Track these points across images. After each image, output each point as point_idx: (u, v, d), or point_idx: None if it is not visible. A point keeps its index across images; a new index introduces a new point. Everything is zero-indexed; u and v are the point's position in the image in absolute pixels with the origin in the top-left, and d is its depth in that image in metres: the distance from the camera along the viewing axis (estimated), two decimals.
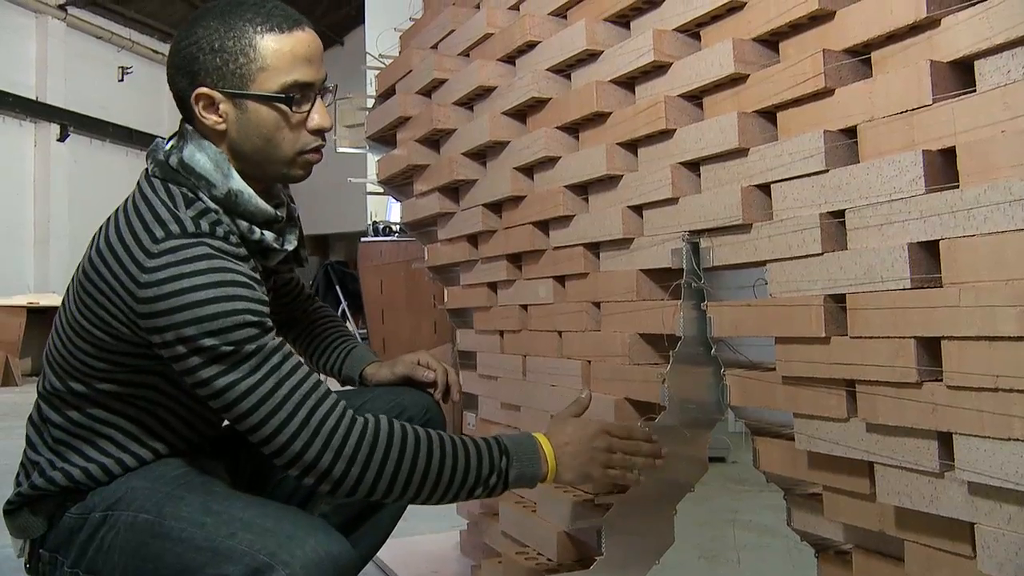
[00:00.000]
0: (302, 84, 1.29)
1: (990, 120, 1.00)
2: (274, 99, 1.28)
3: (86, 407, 1.34)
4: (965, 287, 1.00)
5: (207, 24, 1.27)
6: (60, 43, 11.55)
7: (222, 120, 1.30)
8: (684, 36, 1.53)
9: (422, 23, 2.50)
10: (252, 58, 1.26)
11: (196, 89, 1.28)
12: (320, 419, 1.21)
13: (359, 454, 1.22)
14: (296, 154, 1.34)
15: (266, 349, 1.20)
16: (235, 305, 1.19)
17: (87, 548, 1.32)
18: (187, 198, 1.29)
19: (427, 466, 1.26)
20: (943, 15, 1.08)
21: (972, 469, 0.99)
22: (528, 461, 1.35)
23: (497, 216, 2.06)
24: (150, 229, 1.24)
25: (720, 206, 1.38)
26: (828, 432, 1.22)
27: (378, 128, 2.51)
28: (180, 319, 1.17)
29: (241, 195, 1.31)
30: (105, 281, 1.24)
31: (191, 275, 1.19)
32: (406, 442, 1.26)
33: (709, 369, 1.47)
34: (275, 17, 1.28)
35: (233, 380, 1.19)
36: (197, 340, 1.17)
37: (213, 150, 1.31)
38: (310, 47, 1.30)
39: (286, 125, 1.31)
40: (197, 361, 1.19)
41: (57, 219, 11.23)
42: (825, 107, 1.24)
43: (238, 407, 1.19)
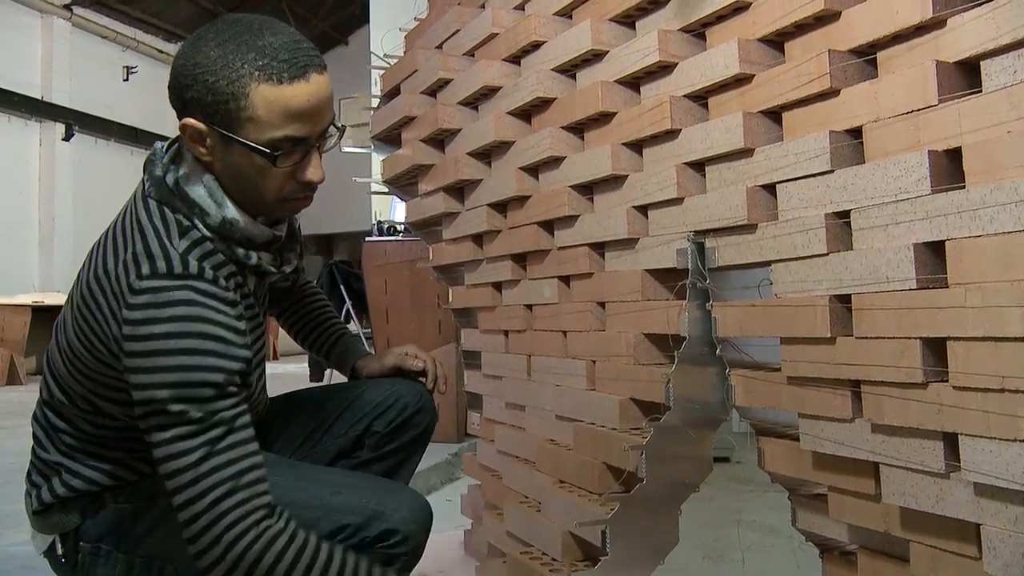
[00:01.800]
0: (292, 139, 1.23)
1: (996, 120, 1.00)
2: (256, 150, 1.22)
3: (90, 416, 1.33)
4: (971, 287, 0.99)
5: (207, 52, 1.20)
6: (65, 42, 11.56)
7: (207, 153, 1.26)
8: (689, 36, 1.53)
9: (427, 23, 2.50)
10: (243, 106, 1.19)
11: (184, 117, 1.24)
12: (222, 511, 1.16)
13: (241, 564, 1.16)
14: (278, 201, 1.30)
15: (212, 419, 1.16)
16: (199, 360, 1.16)
17: (148, 534, 1.34)
18: (181, 226, 1.26)
19: None
20: (949, 15, 1.08)
21: (978, 470, 0.99)
22: None
23: (502, 216, 2.06)
24: (139, 263, 1.21)
25: (725, 206, 1.38)
26: (833, 432, 1.22)
27: (383, 128, 2.52)
28: (144, 364, 1.16)
29: (236, 224, 1.28)
30: (99, 308, 1.23)
31: (164, 321, 1.17)
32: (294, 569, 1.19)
33: (714, 369, 1.47)
34: (278, 64, 1.19)
35: (167, 438, 1.16)
36: (151, 391, 1.16)
37: (208, 177, 1.27)
38: (309, 101, 1.22)
39: (269, 175, 1.26)
40: (147, 411, 1.17)
41: (61, 218, 11.26)
42: (831, 107, 1.24)
43: (164, 465, 1.17)
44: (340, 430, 1.63)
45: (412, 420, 1.65)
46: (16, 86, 10.81)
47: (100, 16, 12.26)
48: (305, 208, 1.36)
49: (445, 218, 2.31)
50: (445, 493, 3.31)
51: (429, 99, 2.31)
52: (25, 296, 8.96)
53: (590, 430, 1.73)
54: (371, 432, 1.62)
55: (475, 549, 2.35)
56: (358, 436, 1.63)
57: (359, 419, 1.64)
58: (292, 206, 1.33)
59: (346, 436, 1.63)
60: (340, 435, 1.63)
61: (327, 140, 1.31)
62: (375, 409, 1.63)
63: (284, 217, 1.41)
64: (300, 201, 1.33)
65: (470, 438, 3.97)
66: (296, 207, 1.34)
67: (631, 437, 1.59)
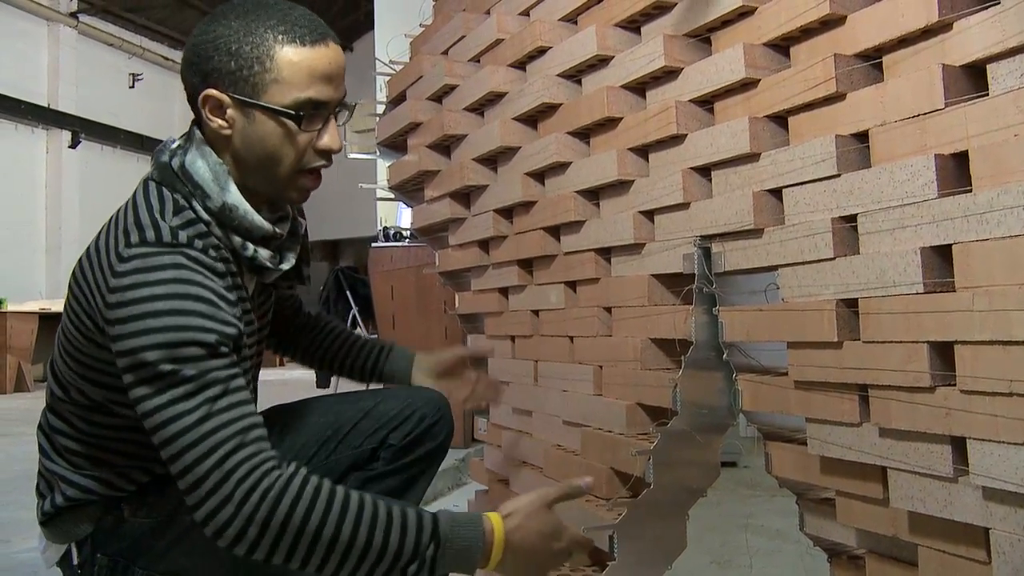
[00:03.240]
0: (315, 102, 1.23)
1: (1003, 124, 1.00)
2: (283, 114, 1.22)
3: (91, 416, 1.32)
4: (978, 291, 0.99)
5: (228, 23, 1.21)
6: (72, 50, 11.60)
7: (228, 126, 1.25)
8: (695, 41, 1.54)
9: (432, 29, 2.51)
10: (267, 68, 1.20)
11: (205, 90, 1.22)
12: (232, 467, 1.10)
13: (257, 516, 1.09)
14: (296, 172, 1.29)
15: (207, 377, 1.12)
16: (188, 320, 1.12)
17: (170, 550, 1.32)
18: (177, 205, 1.24)
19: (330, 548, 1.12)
20: (955, 19, 1.08)
21: (986, 474, 0.99)
22: (463, 556, 1.18)
23: (508, 221, 2.06)
24: (128, 233, 1.19)
25: (732, 211, 1.38)
26: (841, 437, 1.21)
27: (389, 134, 2.52)
28: (131, 329, 1.12)
29: (236, 210, 1.26)
30: (88, 284, 1.21)
31: (151, 284, 1.14)
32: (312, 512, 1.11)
33: (721, 374, 1.47)
34: (299, 28, 1.22)
35: (163, 402, 1.11)
36: (141, 353, 1.11)
37: (214, 159, 1.26)
38: (331, 64, 1.24)
39: (291, 142, 1.25)
40: (137, 377, 1.12)
41: (68, 225, 11.28)
42: (837, 112, 1.24)
43: (161, 431, 1.11)
44: (355, 441, 1.59)
45: (430, 433, 1.62)
46: (23, 94, 10.85)
47: (106, 24, 12.31)
48: (315, 188, 1.34)
49: (451, 224, 2.31)
50: (452, 499, 3.30)
51: (435, 105, 2.32)
52: (32, 303, 9.00)
53: (597, 435, 1.73)
54: (387, 445, 1.59)
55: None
56: (373, 449, 1.59)
57: (375, 431, 1.60)
58: (305, 184, 1.31)
59: (361, 448, 1.59)
60: (355, 447, 1.59)
61: (342, 113, 1.32)
62: (392, 421, 1.60)
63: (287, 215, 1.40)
64: (314, 177, 1.31)
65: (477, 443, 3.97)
66: (308, 185, 1.32)
67: (638, 442, 1.59)
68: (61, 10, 11.47)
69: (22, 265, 10.78)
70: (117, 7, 12.21)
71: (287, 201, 1.35)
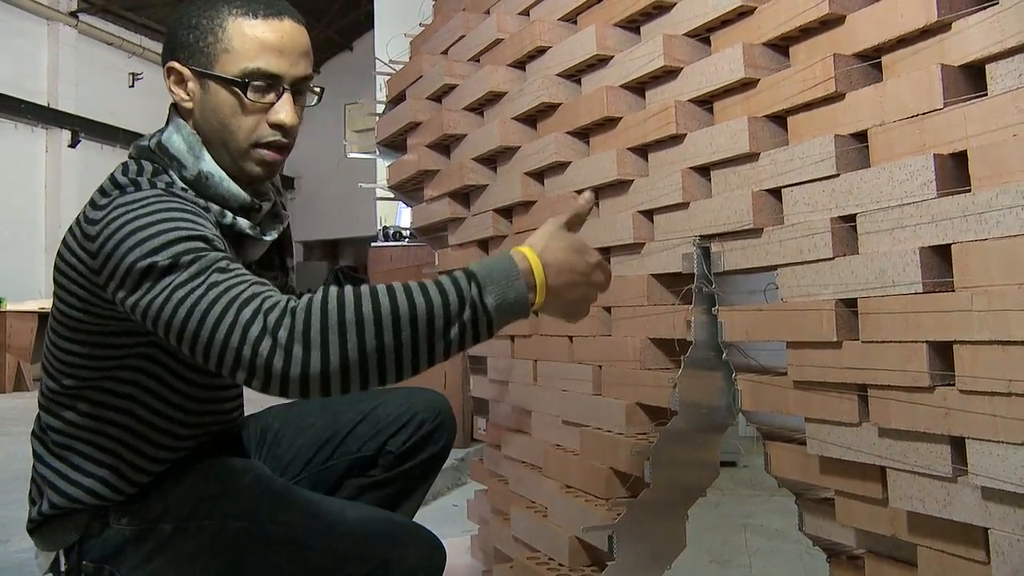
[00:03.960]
0: (265, 73, 1.26)
1: (1002, 124, 1.00)
2: (231, 82, 1.26)
3: (80, 406, 1.32)
4: (977, 291, 0.99)
5: (196, 2, 1.29)
6: (71, 49, 11.61)
7: (188, 98, 1.30)
8: (694, 41, 1.54)
9: (432, 28, 2.51)
10: (219, 37, 1.25)
11: (168, 62, 1.30)
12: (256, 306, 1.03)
13: (295, 331, 1.01)
14: (250, 145, 1.29)
15: (208, 257, 1.09)
16: (177, 224, 1.12)
17: (152, 559, 1.32)
18: (155, 171, 1.27)
19: (378, 325, 1.02)
20: (954, 19, 1.08)
21: (985, 474, 0.99)
22: (505, 283, 1.09)
23: (508, 221, 2.06)
24: (104, 191, 1.23)
25: (731, 211, 1.38)
26: (840, 436, 1.21)
27: (388, 133, 2.52)
28: (123, 249, 1.11)
29: (212, 177, 1.28)
30: (70, 250, 1.23)
31: (135, 207, 1.15)
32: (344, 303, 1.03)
33: (720, 374, 1.47)
34: (255, 3, 1.26)
35: (170, 291, 1.07)
36: (138, 263, 1.09)
37: (188, 131, 1.30)
38: (283, 38, 1.27)
39: (241, 112, 1.27)
40: (142, 288, 1.09)
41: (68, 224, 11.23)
42: (836, 111, 1.24)
43: (176, 318, 1.06)
44: (353, 446, 1.59)
45: (430, 439, 1.61)
46: (22, 93, 10.85)
47: (106, 23, 12.31)
48: (278, 161, 1.32)
49: (451, 223, 2.31)
50: (452, 498, 3.31)
51: (434, 105, 2.32)
52: (32, 303, 8.99)
53: (596, 435, 1.73)
54: (385, 452, 1.58)
55: (482, 554, 2.35)
56: (372, 455, 1.59)
57: (373, 436, 1.59)
58: (262, 154, 1.31)
59: (359, 454, 1.59)
60: (353, 452, 1.59)
61: (305, 95, 1.34)
62: (390, 426, 1.59)
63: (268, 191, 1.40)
64: (272, 151, 1.31)
65: (476, 443, 3.97)
66: (266, 157, 1.31)
67: (638, 442, 1.59)
68: (61, 9, 11.48)
69: (22, 264, 10.78)
70: (117, 6, 12.21)
71: (251, 176, 1.33)
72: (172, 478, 1.37)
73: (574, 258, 1.15)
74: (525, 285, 1.10)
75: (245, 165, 1.32)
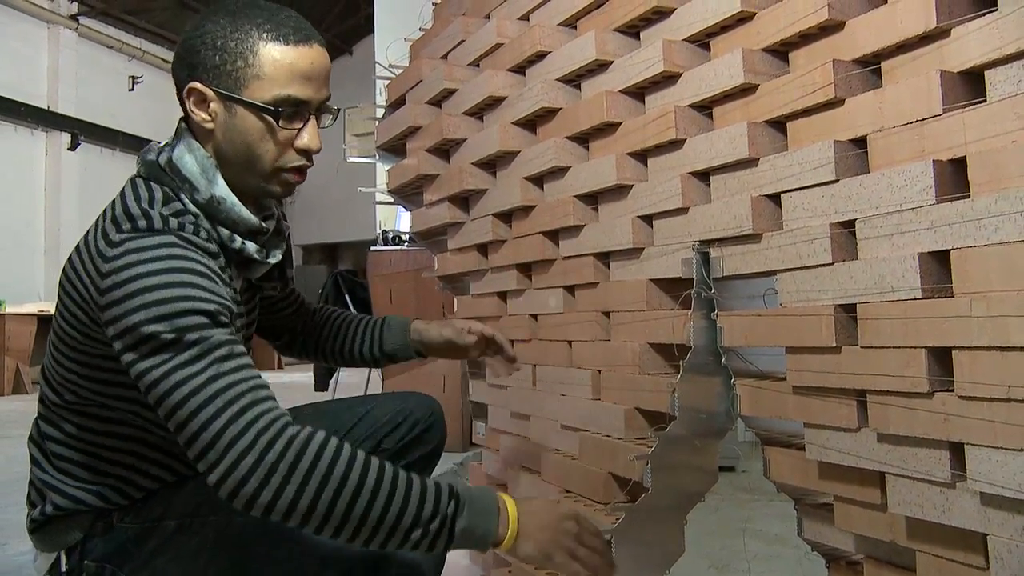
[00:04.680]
0: (295, 100, 1.26)
1: (1001, 130, 1.00)
2: (262, 109, 1.25)
3: (81, 420, 1.32)
4: (976, 297, 0.99)
5: (216, 20, 1.25)
6: (72, 53, 11.62)
7: (210, 119, 1.27)
8: (694, 46, 1.54)
9: (432, 33, 2.51)
10: (250, 63, 1.24)
11: (190, 82, 1.26)
12: (250, 420, 1.08)
13: (281, 464, 1.07)
14: (276, 170, 1.30)
15: (211, 340, 1.12)
16: (186, 292, 1.13)
17: (155, 556, 1.32)
18: (166, 196, 1.26)
19: (356, 495, 1.10)
20: (953, 25, 1.08)
21: (984, 479, 0.99)
22: (482, 516, 1.18)
23: (507, 225, 2.06)
24: (118, 223, 1.20)
25: (730, 216, 1.39)
26: (839, 442, 1.22)
27: (388, 138, 2.52)
28: (129, 306, 1.11)
29: (224, 202, 1.28)
30: (78, 276, 1.22)
31: (147, 262, 1.14)
32: (338, 462, 1.10)
33: (719, 379, 1.47)
34: (284, 28, 1.25)
35: (169, 368, 1.09)
36: (142, 327, 1.10)
37: (202, 153, 1.28)
38: (313, 64, 1.27)
39: (271, 138, 1.27)
40: (139, 352, 1.11)
41: (67, 227, 11.28)
42: (835, 117, 1.24)
43: (169, 399, 1.09)
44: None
45: (423, 438, 1.64)
46: (22, 96, 10.86)
47: (106, 26, 12.32)
48: (300, 182, 1.35)
49: (450, 228, 2.31)
50: None
51: (434, 109, 2.32)
52: (31, 305, 9.00)
53: (596, 440, 1.73)
54: (381, 449, 1.60)
55: (480, 558, 2.34)
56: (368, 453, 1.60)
57: (368, 436, 1.61)
58: (288, 178, 1.32)
59: None
60: None
61: (325, 116, 1.34)
62: (385, 426, 1.61)
63: (271, 205, 1.41)
64: (296, 174, 1.32)
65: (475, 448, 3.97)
66: (291, 180, 1.33)
67: (637, 447, 1.59)
68: (61, 12, 11.49)
69: (21, 267, 10.79)
70: (117, 10, 12.23)
71: (271, 195, 1.35)
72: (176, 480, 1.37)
73: (552, 512, 1.25)
74: (496, 526, 1.18)
75: (268, 186, 1.32)
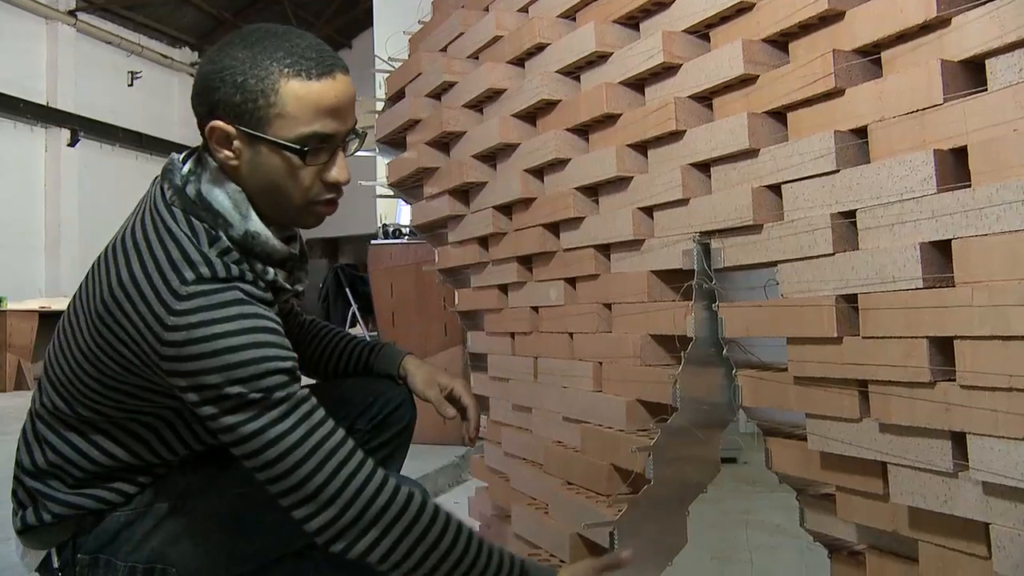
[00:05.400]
0: (321, 136, 1.22)
1: (1002, 119, 1.00)
2: (288, 148, 1.21)
3: (89, 433, 1.31)
4: (978, 286, 0.99)
5: (235, 54, 1.20)
6: (70, 48, 11.60)
7: (234, 156, 1.23)
8: (693, 37, 1.54)
9: (431, 26, 2.51)
10: (272, 102, 1.18)
11: (211, 121, 1.21)
12: (350, 472, 1.18)
13: (383, 518, 1.18)
14: (307, 203, 1.28)
15: (296, 397, 1.17)
16: (265, 352, 1.15)
17: (149, 539, 1.32)
18: (210, 236, 1.23)
19: (441, 556, 1.21)
20: (954, 14, 1.08)
21: (986, 469, 0.99)
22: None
23: (507, 218, 2.06)
24: (179, 269, 1.17)
25: (731, 207, 1.38)
26: (841, 432, 1.22)
27: (388, 131, 2.52)
28: (208, 366, 1.13)
29: (258, 237, 1.25)
30: (128, 318, 1.18)
31: (222, 321, 1.15)
32: (431, 522, 1.22)
33: (721, 370, 1.47)
34: (306, 61, 1.20)
35: (261, 427, 1.14)
36: (224, 388, 1.13)
37: (232, 187, 1.25)
38: (337, 98, 1.22)
39: (297, 175, 1.24)
40: (223, 407, 1.15)
41: (68, 223, 11.28)
42: (835, 107, 1.24)
43: (264, 455, 1.15)
44: None
45: (394, 415, 1.64)
46: (22, 92, 10.85)
47: (105, 22, 12.30)
48: (331, 215, 1.33)
49: (450, 221, 2.31)
50: (452, 495, 3.31)
51: (434, 102, 2.31)
52: (32, 302, 8.98)
53: (597, 432, 1.73)
54: (355, 430, 1.58)
55: None
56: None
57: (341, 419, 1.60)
58: (319, 211, 1.30)
59: None
60: None
61: (351, 143, 1.30)
62: (357, 407, 1.61)
63: (296, 234, 1.40)
64: (326, 206, 1.30)
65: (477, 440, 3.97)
66: (322, 212, 1.31)
67: (638, 438, 1.59)
68: (60, 8, 11.47)
69: (21, 263, 10.78)
70: (116, 5, 12.21)
71: (302, 226, 1.36)
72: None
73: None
74: None
75: (298, 219, 1.32)
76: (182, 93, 13.17)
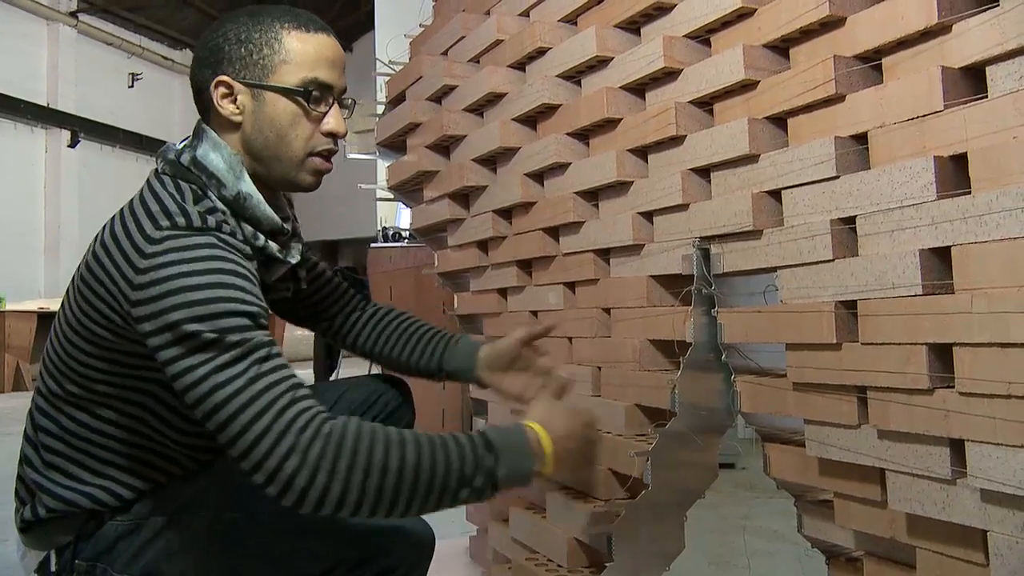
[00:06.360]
0: (321, 83, 1.30)
1: (1002, 126, 1.00)
2: (292, 92, 1.29)
3: (80, 415, 1.31)
4: (977, 293, 0.99)
5: (236, 19, 1.31)
6: (71, 50, 11.62)
7: (239, 111, 1.30)
8: (694, 42, 1.54)
9: (432, 29, 2.51)
10: (276, 50, 1.28)
11: (216, 77, 1.29)
12: (291, 419, 1.10)
13: (323, 461, 1.09)
14: (307, 155, 1.33)
15: (252, 343, 1.13)
16: (229, 293, 1.14)
17: (145, 551, 1.32)
18: (196, 194, 1.27)
19: (400, 475, 1.12)
20: (954, 21, 1.08)
21: (985, 476, 0.99)
22: (519, 457, 1.20)
23: (507, 222, 2.06)
24: (155, 218, 1.19)
25: (731, 212, 1.38)
26: (839, 438, 1.21)
27: (388, 134, 2.52)
28: (170, 303, 1.12)
29: (250, 198, 1.30)
30: (105, 271, 1.20)
31: (190, 261, 1.15)
32: (375, 445, 1.12)
33: (719, 375, 1.47)
34: (303, 18, 1.32)
35: (210, 370, 1.11)
36: (182, 325, 1.11)
37: (228, 151, 1.30)
38: (334, 51, 1.33)
39: (301, 121, 1.31)
40: (179, 350, 1.12)
41: (67, 225, 11.29)
42: (836, 113, 1.24)
43: (210, 399, 1.11)
44: None
45: (395, 415, 1.65)
46: (22, 93, 10.86)
47: (106, 23, 12.32)
48: (328, 170, 1.38)
49: (450, 224, 2.31)
50: None
51: (434, 105, 2.32)
52: (31, 302, 8.99)
53: None
54: None
55: (480, 556, 2.35)
56: None
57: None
58: (317, 164, 1.35)
59: None
60: None
61: (344, 109, 1.38)
62: (359, 407, 1.61)
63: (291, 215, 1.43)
64: (325, 160, 1.36)
65: None
66: (320, 167, 1.35)
67: (637, 443, 1.59)
68: (61, 9, 11.49)
69: (21, 264, 10.80)
70: (117, 6, 12.23)
71: (300, 186, 1.38)
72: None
73: (574, 424, 1.28)
74: (534, 460, 1.21)
75: (298, 176, 1.35)
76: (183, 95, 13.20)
